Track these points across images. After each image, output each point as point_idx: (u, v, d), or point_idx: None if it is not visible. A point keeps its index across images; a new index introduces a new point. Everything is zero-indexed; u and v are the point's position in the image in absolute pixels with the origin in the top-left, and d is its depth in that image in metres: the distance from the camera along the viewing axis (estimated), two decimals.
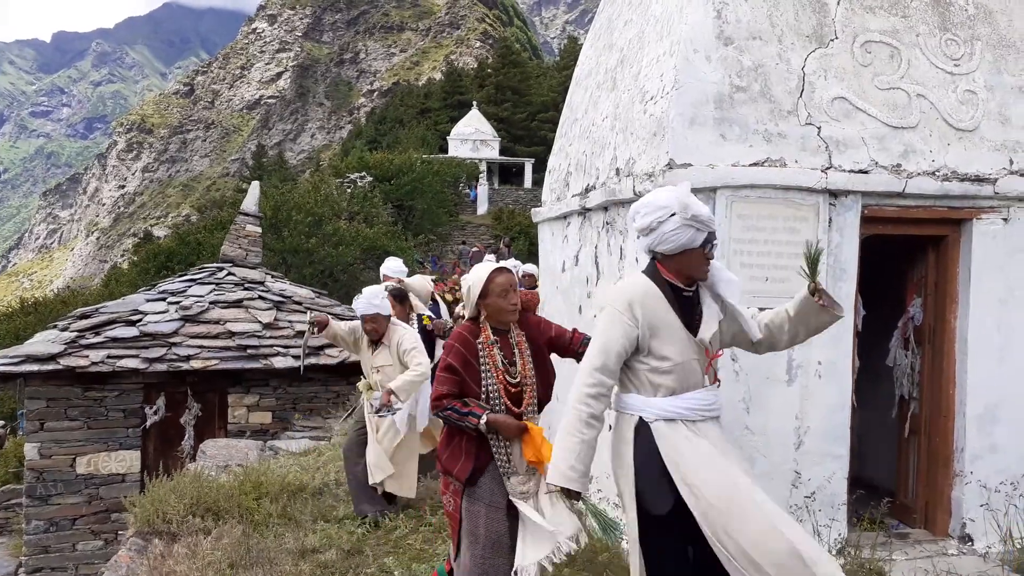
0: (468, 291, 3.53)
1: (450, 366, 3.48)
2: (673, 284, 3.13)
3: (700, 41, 4.43)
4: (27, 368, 8.96)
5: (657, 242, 3.11)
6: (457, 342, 3.52)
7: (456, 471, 3.50)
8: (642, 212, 3.13)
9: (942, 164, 4.60)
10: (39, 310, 28.23)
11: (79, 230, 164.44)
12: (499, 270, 3.51)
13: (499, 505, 3.43)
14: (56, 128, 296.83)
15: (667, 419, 3.06)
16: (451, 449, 3.56)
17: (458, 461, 3.50)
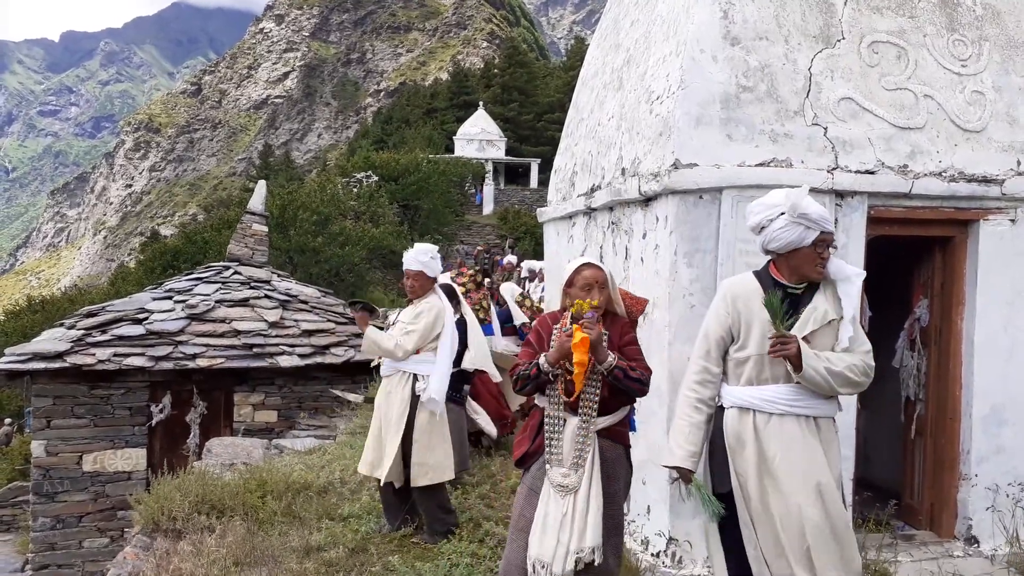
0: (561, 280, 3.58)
1: (528, 341, 3.63)
2: (779, 281, 3.19)
3: (706, 41, 4.43)
4: (34, 366, 9.00)
5: (767, 240, 3.19)
6: (538, 323, 3.67)
7: (514, 453, 3.65)
8: (754, 211, 3.23)
9: (949, 165, 4.59)
10: (46, 308, 28.38)
11: (86, 229, 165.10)
12: (588, 264, 3.50)
13: (538, 491, 3.45)
14: (64, 127, 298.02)
15: (741, 407, 3.17)
16: (522, 435, 3.66)
17: (521, 445, 3.61)
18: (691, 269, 4.33)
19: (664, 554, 4.35)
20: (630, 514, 4.82)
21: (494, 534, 4.90)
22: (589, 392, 3.39)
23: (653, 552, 4.43)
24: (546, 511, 3.37)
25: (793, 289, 3.17)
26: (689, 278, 4.33)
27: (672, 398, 4.31)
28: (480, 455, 6.75)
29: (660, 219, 4.50)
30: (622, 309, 3.57)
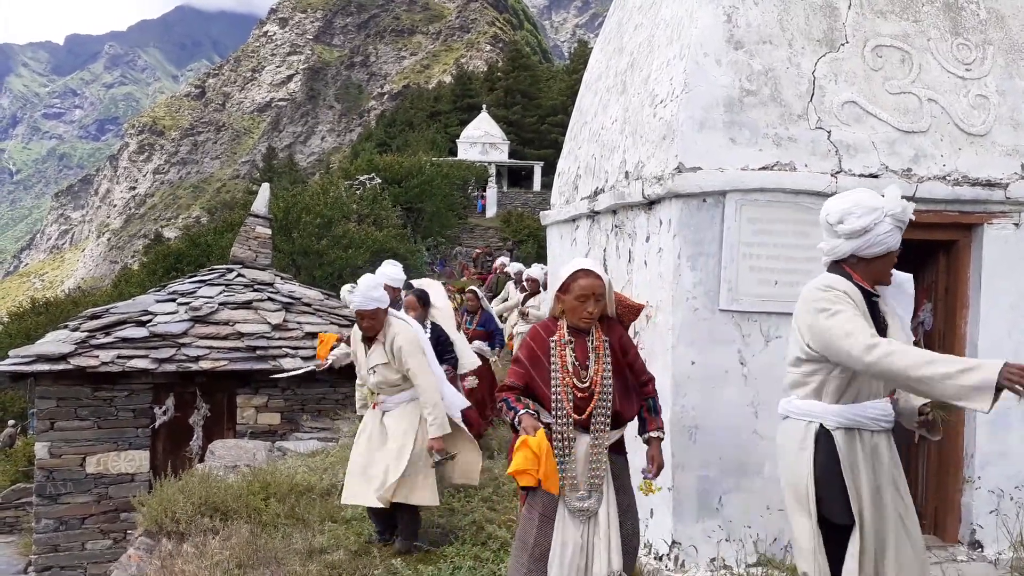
0: (554, 284, 3.40)
1: (517, 359, 3.37)
2: (865, 288, 3.02)
3: (710, 45, 4.43)
4: (38, 368, 9.02)
5: (868, 244, 2.97)
6: (531, 337, 3.39)
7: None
8: (856, 213, 2.95)
9: (953, 169, 4.59)
10: (50, 310, 28.46)
11: (90, 231, 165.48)
12: (586, 272, 3.29)
13: (552, 517, 3.25)
14: (68, 130, 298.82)
15: (847, 428, 2.96)
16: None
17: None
18: (694, 272, 4.33)
19: (667, 558, 4.35)
20: None
21: (497, 537, 4.90)
22: (601, 408, 3.24)
23: (656, 556, 4.43)
24: (563, 539, 3.20)
25: (874, 295, 3.04)
26: (692, 281, 4.33)
27: (675, 400, 4.31)
28: (483, 458, 6.75)
29: (663, 222, 4.50)
30: (614, 311, 3.45)
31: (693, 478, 4.33)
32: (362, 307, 4.82)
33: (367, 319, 4.87)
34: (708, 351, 4.34)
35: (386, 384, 4.91)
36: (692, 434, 4.33)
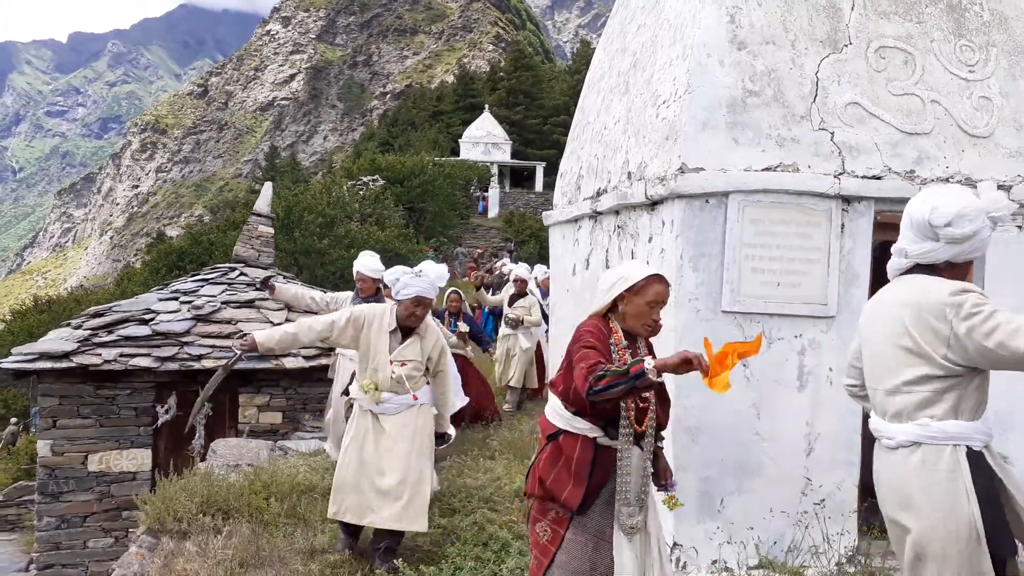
0: (617, 281, 3.11)
1: (591, 344, 2.98)
2: None
3: (713, 45, 4.43)
4: (41, 365, 9.02)
5: (974, 249, 2.76)
6: (590, 328, 3.08)
7: (564, 497, 3.02)
8: (969, 216, 2.68)
9: (956, 170, 4.58)
10: (53, 308, 28.49)
11: (93, 229, 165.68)
12: (659, 277, 3.11)
13: (609, 538, 3.03)
14: (71, 128, 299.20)
15: (987, 445, 2.68)
16: (557, 470, 3.06)
17: (566, 485, 3.03)
18: (697, 273, 4.33)
19: (669, 560, 4.34)
20: None
21: (498, 538, 4.90)
22: (652, 418, 3.13)
23: None
24: (622, 560, 3.01)
25: None
26: (695, 282, 4.33)
27: (676, 401, 4.31)
28: (484, 457, 6.75)
29: (666, 223, 4.50)
30: None
31: (694, 479, 4.33)
32: (426, 294, 4.57)
33: (423, 308, 4.60)
34: None
35: (407, 381, 4.58)
36: (694, 435, 4.33)
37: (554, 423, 3.15)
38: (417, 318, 4.59)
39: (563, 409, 3.11)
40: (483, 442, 7.44)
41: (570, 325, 6.26)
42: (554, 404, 3.18)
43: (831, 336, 4.44)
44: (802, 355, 4.41)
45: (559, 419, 3.12)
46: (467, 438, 7.71)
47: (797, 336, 4.41)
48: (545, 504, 3.10)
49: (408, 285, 4.54)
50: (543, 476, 3.08)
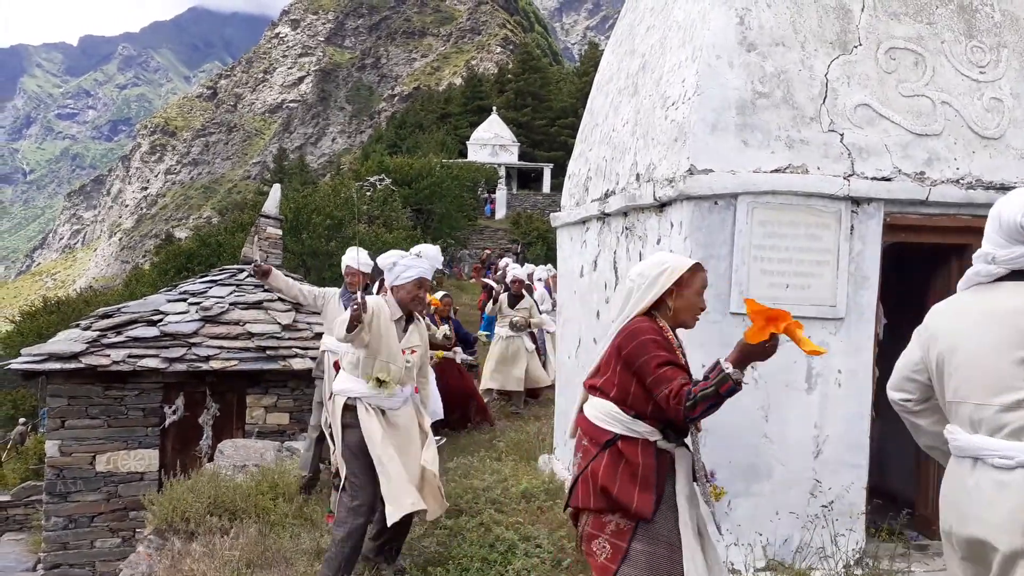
0: (659, 276, 2.98)
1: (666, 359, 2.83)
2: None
3: (723, 47, 4.42)
4: (50, 366, 9.06)
5: None
6: (651, 334, 2.91)
7: (636, 506, 2.84)
8: None
9: (967, 172, 4.56)
10: (62, 309, 28.61)
11: (102, 231, 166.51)
12: (701, 266, 3.06)
13: (679, 545, 2.88)
14: (81, 130, 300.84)
15: None
16: (621, 476, 2.88)
17: (633, 493, 2.84)
18: None
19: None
20: None
21: (504, 539, 4.89)
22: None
23: None
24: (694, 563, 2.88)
25: None
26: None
27: None
28: (490, 459, 6.75)
29: (675, 225, 4.49)
30: None
31: None
32: (427, 275, 4.41)
33: (425, 289, 4.46)
34: (718, 354, 4.27)
35: (413, 371, 4.48)
36: (702, 437, 4.29)
37: (607, 428, 2.95)
38: (420, 301, 4.47)
39: (620, 413, 2.94)
40: (490, 443, 7.44)
41: (577, 326, 6.26)
42: (604, 408, 2.99)
43: (840, 338, 4.42)
44: (811, 357, 4.39)
45: (614, 423, 2.94)
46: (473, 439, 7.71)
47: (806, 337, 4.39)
48: (602, 518, 2.91)
49: (409, 267, 4.37)
50: (606, 485, 2.88)
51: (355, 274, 6.57)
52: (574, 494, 3.03)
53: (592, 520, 2.95)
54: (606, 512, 2.90)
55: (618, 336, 3.01)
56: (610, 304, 3.11)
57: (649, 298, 3.00)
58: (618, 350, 2.96)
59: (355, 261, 6.62)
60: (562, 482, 6.23)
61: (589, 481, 2.95)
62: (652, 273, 3.01)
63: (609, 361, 3.02)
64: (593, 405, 3.05)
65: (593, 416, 3.03)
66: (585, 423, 3.06)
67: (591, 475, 2.94)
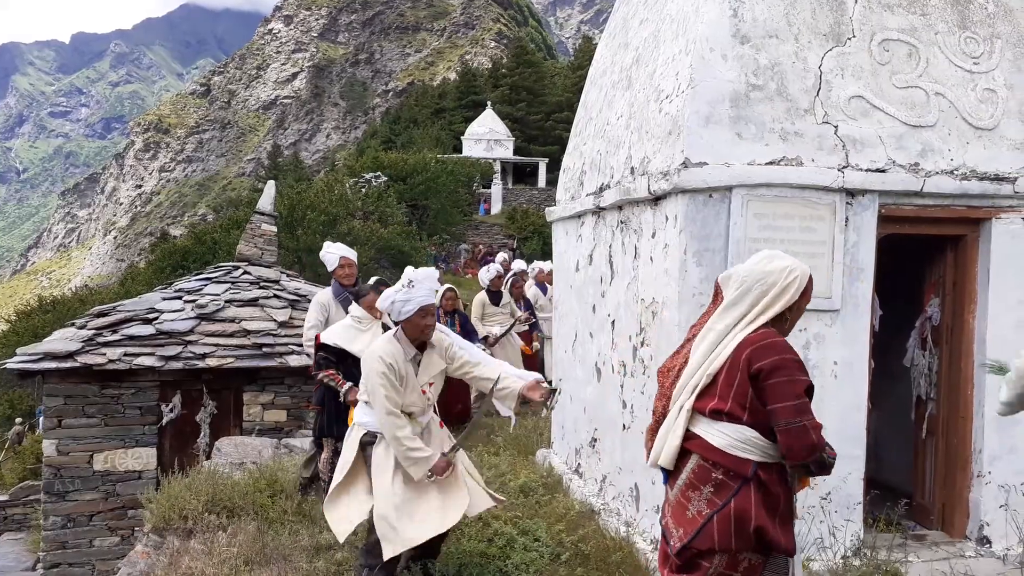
0: (790, 283, 2.73)
1: (810, 387, 2.63)
2: None
3: (716, 39, 4.41)
4: (45, 365, 9.04)
5: None
6: (795, 354, 2.67)
7: (786, 542, 2.68)
8: None
9: (961, 163, 4.57)
10: (57, 308, 28.52)
11: (97, 229, 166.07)
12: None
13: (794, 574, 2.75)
14: (75, 128, 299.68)
15: None
16: (770, 510, 2.65)
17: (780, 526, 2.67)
18: (700, 268, 4.32)
19: None
20: (639, 514, 4.81)
21: (503, 534, 4.89)
22: None
23: None
24: None
25: None
26: (699, 277, 4.32)
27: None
28: (488, 453, 6.75)
29: (669, 218, 4.49)
30: None
31: None
32: (428, 301, 4.09)
33: (431, 315, 4.12)
34: None
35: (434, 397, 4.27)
36: None
37: (744, 456, 2.66)
38: (430, 328, 4.15)
39: (759, 438, 2.65)
40: (487, 438, 7.44)
41: (573, 321, 6.26)
42: (738, 434, 2.67)
43: (835, 330, 4.43)
44: (807, 349, 4.40)
45: (754, 451, 2.66)
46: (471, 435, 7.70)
47: (802, 330, 4.40)
48: (738, 556, 2.66)
49: (408, 301, 4.06)
50: (763, 525, 2.62)
51: (352, 264, 6.58)
52: (705, 533, 2.67)
53: (727, 561, 2.67)
54: (744, 551, 2.67)
55: (743, 348, 2.66)
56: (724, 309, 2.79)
57: (778, 307, 2.72)
58: (748, 363, 2.63)
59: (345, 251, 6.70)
60: (560, 476, 6.24)
61: (731, 520, 2.64)
62: (781, 280, 2.72)
63: (731, 377, 2.67)
64: (722, 431, 2.70)
65: (727, 444, 2.68)
66: (714, 452, 2.70)
67: (737, 512, 2.64)
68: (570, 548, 4.68)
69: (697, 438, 2.75)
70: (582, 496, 5.64)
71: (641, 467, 4.79)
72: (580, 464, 6.07)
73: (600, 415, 5.60)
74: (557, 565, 4.57)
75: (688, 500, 2.73)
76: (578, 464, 6.12)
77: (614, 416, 5.26)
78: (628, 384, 5.03)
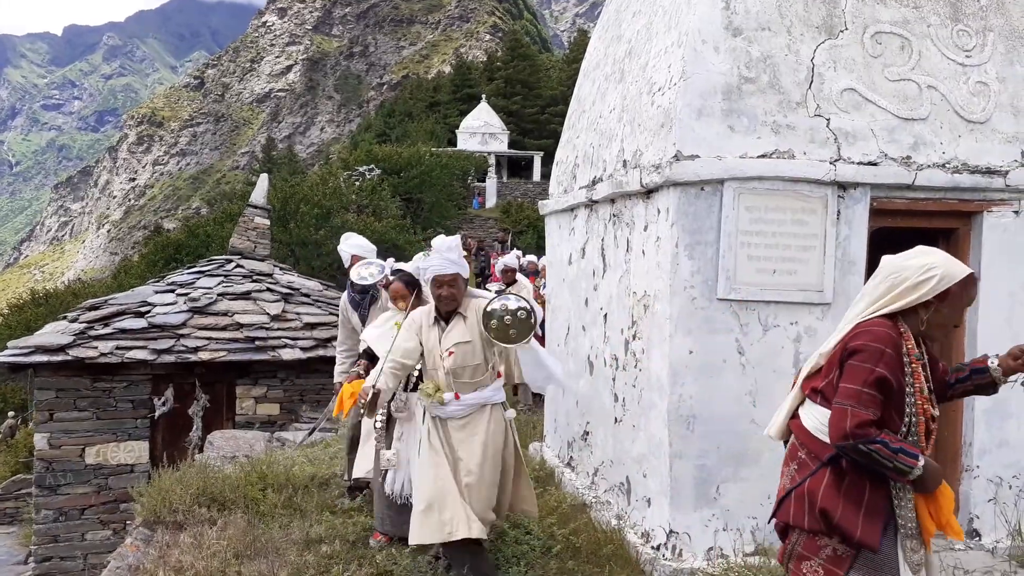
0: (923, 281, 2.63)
1: (883, 380, 2.54)
2: None
3: (708, 32, 4.40)
4: (37, 359, 9.01)
5: None
6: (889, 347, 2.58)
7: (860, 536, 2.58)
8: None
9: (953, 156, 4.56)
10: (50, 302, 28.37)
11: (90, 222, 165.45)
12: (973, 277, 2.74)
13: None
14: (67, 121, 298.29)
15: None
16: (845, 497, 2.61)
17: (857, 520, 2.58)
18: (692, 261, 4.31)
19: (664, 547, 4.34)
20: (630, 507, 4.82)
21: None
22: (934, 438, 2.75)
23: (653, 545, 4.42)
24: None
25: None
26: (690, 270, 4.31)
27: (672, 390, 4.30)
28: None
29: (661, 211, 4.48)
30: None
31: (691, 467, 4.32)
32: (441, 271, 4.10)
33: (447, 287, 4.12)
34: (706, 340, 4.32)
35: (464, 370, 4.11)
36: (690, 423, 4.32)
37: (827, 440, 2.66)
38: (445, 299, 4.13)
39: None
40: None
41: (566, 314, 6.25)
42: (826, 418, 2.67)
43: (827, 323, 4.42)
44: (798, 343, 4.40)
45: None
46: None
47: (793, 323, 4.40)
48: (817, 540, 2.66)
49: (425, 268, 4.19)
50: (828, 508, 2.60)
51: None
52: (784, 508, 2.74)
53: (805, 541, 2.69)
54: (821, 535, 2.65)
55: (849, 333, 2.68)
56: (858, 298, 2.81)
57: (900, 304, 2.66)
58: (843, 348, 2.66)
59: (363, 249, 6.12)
60: (552, 469, 6.24)
61: (805, 499, 2.67)
62: (915, 277, 2.65)
63: (833, 361, 2.69)
64: (813, 413, 2.74)
65: (813, 427, 2.73)
66: (803, 432, 2.76)
67: (808, 493, 2.67)
68: (561, 541, 4.67)
69: (796, 417, 2.84)
70: (574, 489, 5.64)
71: (632, 460, 4.80)
72: (572, 457, 6.07)
73: (592, 408, 5.60)
74: (548, 558, 4.57)
75: (782, 475, 2.83)
76: (570, 457, 6.12)
77: (606, 409, 5.26)
78: (620, 377, 5.03)
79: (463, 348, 4.11)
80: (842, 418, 2.53)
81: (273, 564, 4.50)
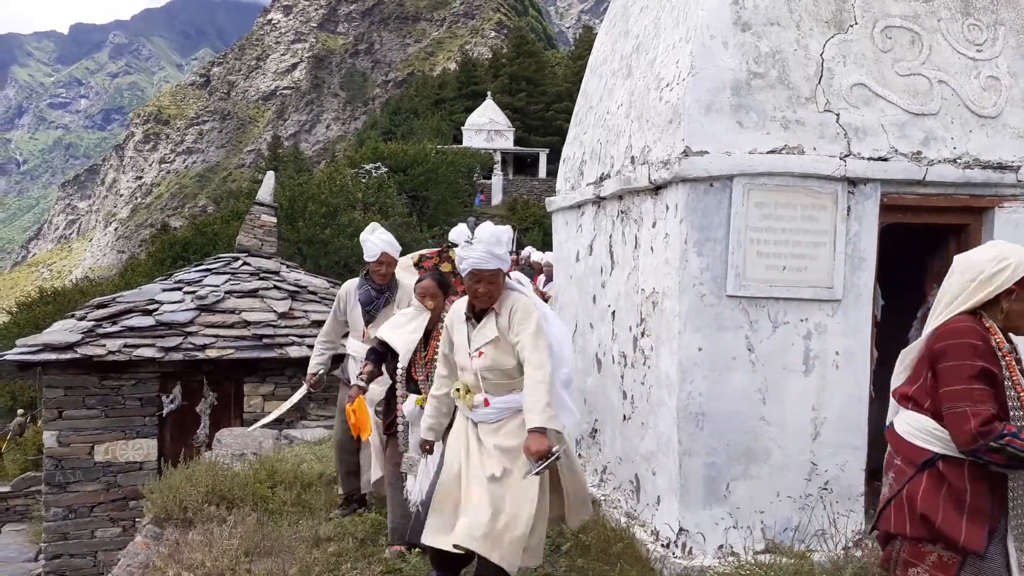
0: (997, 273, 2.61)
1: (986, 371, 2.50)
2: None
3: (717, 27, 4.37)
4: (45, 357, 9.04)
5: None
6: (976, 339, 2.55)
7: (964, 540, 2.52)
8: None
9: (964, 151, 4.53)
10: (58, 300, 28.53)
11: (97, 221, 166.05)
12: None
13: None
14: (74, 119, 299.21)
15: None
16: (945, 503, 2.56)
17: (960, 524, 2.53)
18: (701, 258, 4.29)
19: (674, 545, 4.33)
20: (639, 504, 4.81)
21: None
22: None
23: (663, 543, 4.41)
24: None
25: None
26: (699, 267, 4.29)
27: (681, 387, 4.29)
28: None
29: (670, 207, 4.46)
30: None
31: (700, 465, 4.30)
32: (480, 266, 3.61)
33: (485, 283, 3.65)
34: (715, 337, 4.31)
35: (495, 372, 3.71)
36: (699, 421, 4.30)
37: (924, 446, 2.63)
38: (482, 296, 3.68)
39: (938, 429, 2.60)
40: None
41: (574, 312, 6.24)
42: (918, 423, 2.66)
43: (837, 320, 4.40)
44: (808, 339, 4.38)
45: (933, 441, 2.62)
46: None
47: (803, 320, 4.38)
48: (921, 547, 2.62)
49: (464, 259, 3.67)
50: (928, 513, 2.57)
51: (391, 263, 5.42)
52: (885, 516, 2.74)
53: (909, 548, 2.67)
54: (926, 542, 2.62)
55: (932, 336, 2.65)
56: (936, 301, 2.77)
57: (979, 297, 2.63)
58: (930, 351, 2.63)
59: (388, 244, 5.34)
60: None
61: (905, 506, 2.65)
62: (988, 269, 2.63)
63: (921, 366, 2.67)
64: (906, 419, 2.73)
65: (906, 432, 2.71)
66: (897, 440, 2.75)
67: (907, 499, 2.64)
68: (571, 539, 4.67)
69: (891, 425, 2.82)
70: None
71: (641, 458, 4.78)
72: (580, 455, 6.07)
73: (600, 406, 5.58)
74: (558, 556, 4.56)
75: (883, 483, 2.83)
76: (578, 455, 6.11)
77: (614, 407, 5.25)
78: (628, 375, 5.02)
79: (492, 348, 3.70)
80: (963, 421, 2.46)
81: (283, 562, 4.50)
